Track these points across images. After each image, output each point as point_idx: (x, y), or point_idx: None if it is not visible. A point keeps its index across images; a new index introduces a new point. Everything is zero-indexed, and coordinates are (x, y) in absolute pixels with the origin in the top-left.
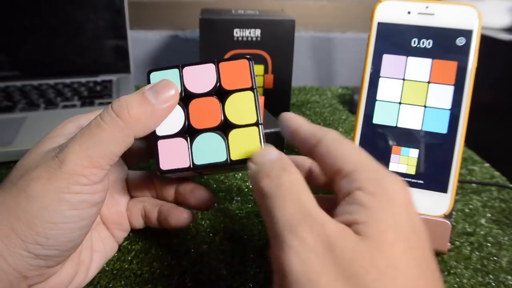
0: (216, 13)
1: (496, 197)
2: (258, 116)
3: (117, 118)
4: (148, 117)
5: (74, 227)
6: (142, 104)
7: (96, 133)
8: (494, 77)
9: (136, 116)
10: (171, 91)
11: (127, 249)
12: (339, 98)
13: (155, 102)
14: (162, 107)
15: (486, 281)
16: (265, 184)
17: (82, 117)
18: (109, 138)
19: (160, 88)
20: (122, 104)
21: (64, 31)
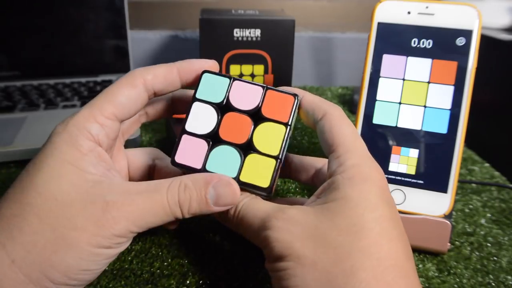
0: (216, 13)
1: (496, 197)
2: (281, 152)
3: (178, 208)
4: (201, 213)
5: (103, 269)
6: (200, 205)
7: (157, 208)
8: (494, 77)
9: (192, 212)
10: (232, 202)
11: (127, 249)
12: (339, 98)
13: (213, 206)
14: (217, 210)
15: (486, 281)
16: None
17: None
18: (163, 218)
19: (224, 197)
20: (186, 198)
21: (64, 31)
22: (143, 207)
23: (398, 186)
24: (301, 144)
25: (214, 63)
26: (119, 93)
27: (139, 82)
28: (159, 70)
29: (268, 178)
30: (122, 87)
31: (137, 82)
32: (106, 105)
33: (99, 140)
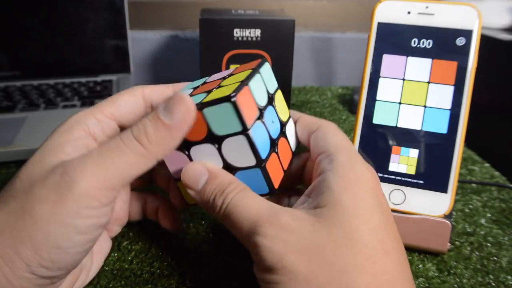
0: (216, 13)
1: (496, 197)
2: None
3: (137, 144)
4: (167, 139)
5: (79, 250)
6: (158, 128)
7: (116, 155)
8: (494, 77)
9: (154, 140)
10: (186, 105)
11: (127, 249)
12: (339, 98)
13: (171, 122)
14: (180, 126)
15: (486, 281)
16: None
17: (87, 116)
18: (129, 162)
19: (174, 106)
20: (140, 129)
21: (64, 31)
22: (99, 156)
23: (398, 186)
24: None
25: None
26: (119, 98)
27: (138, 93)
28: (157, 86)
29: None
30: (122, 95)
31: (136, 93)
32: (105, 106)
33: (94, 134)
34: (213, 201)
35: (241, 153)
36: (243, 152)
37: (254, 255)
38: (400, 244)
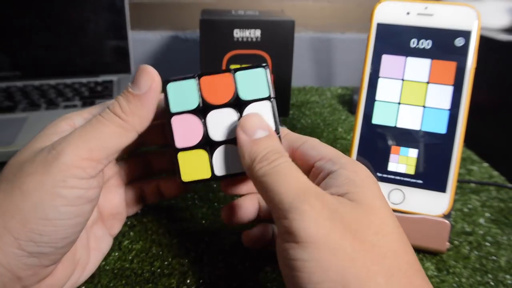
0: (216, 14)
1: (494, 196)
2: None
3: (115, 116)
4: (140, 108)
5: (68, 223)
6: (129, 100)
7: (97, 127)
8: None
9: (128, 111)
10: (148, 74)
11: (127, 248)
12: (339, 98)
13: (139, 92)
14: (149, 94)
15: (484, 281)
16: (265, 165)
17: (75, 115)
18: (111, 133)
19: (138, 77)
20: (115, 103)
21: (65, 31)
22: (82, 130)
23: (397, 186)
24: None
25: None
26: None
27: None
28: None
29: None
30: None
31: None
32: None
33: None
34: (263, 156)
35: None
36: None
37: (290, 226)
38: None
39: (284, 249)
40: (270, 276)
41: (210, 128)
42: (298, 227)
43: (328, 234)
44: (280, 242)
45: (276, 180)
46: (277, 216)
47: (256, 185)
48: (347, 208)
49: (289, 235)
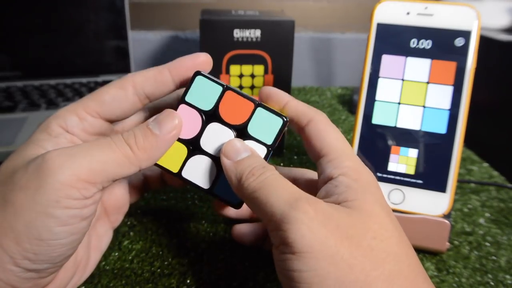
0: (216, 14)
1: (494, 196)
2: None
3: (126, 145)
4: (154, 147)
5: (63, 242)
6: (146, 136)
7: (104, 150)
8: (493, 77)
9: (142, 147)
10: (174, 121)
11: (127, 248)
12: (339, 98)
13: (159, 133)
14: (166, 138)
15: (484, 281)
16: (252, 181)
17: (68, 114)
18: (116, 160)
19: (163, 119)
20: (130, 134)
21: (65, 31)
22: (88, 150)
23: (397, 186)
24: (300, 144)
25: (207, 56)
26: (106, 92)
27: (128, 85)
28: (150, 72)
29: None
30: (110, 88)
31: (126, 85)
32: (90, 102)
33: (72, 132)
34: (249, 173)
35: None
36: None
37: (285, 236)
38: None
39: (281, 260)
40: (270, 276)
41: (205, 135)
42: (294, 237)
43: (324, 242)
44: (277, 254)
45: (266, 193)
46: (271, 228)
47: (247, 203)
48: (342, 214)
49: (285, 247)
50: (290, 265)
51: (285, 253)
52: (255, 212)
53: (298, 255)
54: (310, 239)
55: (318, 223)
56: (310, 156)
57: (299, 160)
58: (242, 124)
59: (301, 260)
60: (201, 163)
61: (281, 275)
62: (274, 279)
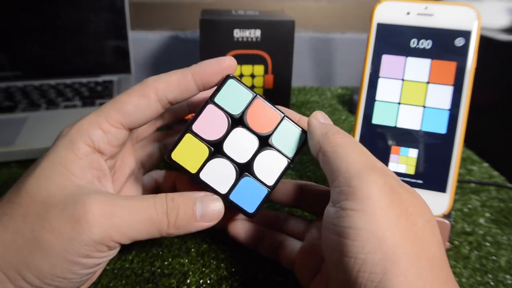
0: (216, 14)
1: (494, 196)
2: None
3: (165, 221)
4: (187, 228)
5: (83, 279)
6: (187, 217)
7: (143, 219)
8: (493, 77)
9: (178, 226)
10: (219, 212)
11: (127, 248)
12: (339, 98)
13: (200, 219)
14: (203, 225)
15: (485, 281)
16: (338, 137)
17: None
18: (148, 228)
19: (211, 213)
20: (175, 207)
21: (65, 31)
22: (128, 211)
23: None
24: None
25: (232, 60)
26: (128, 102)
27: (151, 92)
28: (172, 78)
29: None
30: (132, 96)
31: (149, 92)
32: (112, 113)
33: (99, 147)
34: (337, 131)
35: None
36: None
37: (352, 192)
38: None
39: (338, 217)
40: (270, 276)
41: (229, 139)
42: (361, 194)
43: (387, 208)
44: (333, 211)
45: (347, 151)
46: (339, 184)
47: (323, 156)
48: (406, 191)
49: (348, 202)
50: (348, 222)
51: (346, 209)
52: (328, 166)
53: (360, 212)
54: (376, 201)
55: (386, 191)
56: None
57: (298, 160)
58: (267, 133)
59: (362, 217)
60: (221, 167)
61: (333, 233)
62: (274, 280)
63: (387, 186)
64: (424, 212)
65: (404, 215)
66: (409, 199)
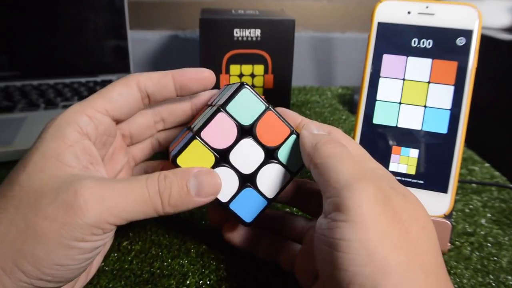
0: (216, 13)
1: (496, 197)
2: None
3: (159, 199)
4: (183, 206)
5: (82, 265)
6: (181, 195)
7: (137, 199)
8: (494, 77)
9: (173, 204)
10: (216, 187)
11: (127, 249)
12: (339, 98)
13: (195, 196)
14: (200, 202)
15: (486, 281)
16: (328, 148)
17: (79, 116)
18: (143, 211)
19: (206, 183)
20: (167, 187)
21: (64, 31)
22: (120, 193)
23: None
24: None
25: (210, 73)
26: (112, 90)
27: (132, 82)
28: (153, 74)
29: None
30: (115, 86)
31: (131, 82)
32: (97, 100)
33: (87, 132)
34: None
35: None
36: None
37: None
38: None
39: (329, 228)
40: (270, 277)
41: (236, 148)
42: (351, 205)
43: (377, 218)
44: (325, 222)
45: (336, 162)
46: (329, 195)
47: (314, 168)
48: (400, 198)
49: (339, 214)
50: (339, 233)
51: (336, 221)
52: (318, 177)
53: (350, 223)
54: (366, 211)
55: (376, 200)
56: None
57: None
58: (274, 147)
59: (352, 228)
60: (225, 176)
61: (324, 245)
62: (274, 281)
63: (378, 194)
64: (419, 218)
65: (397, 223)
66: (403, 204)
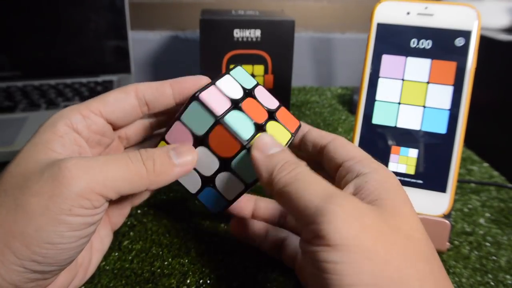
0: (216, 14)
1: (495, 196)
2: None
3: (143, 166)
4: (167, 174)
5: (73, 246)
6: (164, 162)
7: (120, 167)
8: (493, 77)
9: (157, 171)
10: (193, 155)
11: (127, 248)
12: (339, 98)
13: (177, 163)
14: (181, 169)
15: (485, 281)
16: (284, 175)
17: (72, 113)
18: (129, 178)
19: (184, 152)
20: (149, 155)
21: (65, 31)
22: (104, 163)
23: None
24: None
25: (208, 80)
26: (109, 95)
27: (131, 90)
28: (153, 83)
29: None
30: (113, 91)
31: (129, 90)
32: (93, 102)
33: (77, 128)
34: (281, 167)
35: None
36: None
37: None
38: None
39: (314, 252)
40: (270, 276)
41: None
42: (328, 229)
43: (358, 236)
44: (308, 247)
45: (299, 188)
46: (303, 223)
47: (277, 198)
48: (375, 211)
49: (319, 239)
50: (324, 257)
51: (319, 245)
52: (285, 207)
53: (332, 247)
54: (345, 232)
55: (352, 218)
56: (328, 168)
57: None
58: (227, 158)
59: (335, 252)
60: (190, 173)
61: (313, 268)
62: (274, 279)
63: (354, 210)
64: (401, 229)
65: (381, 236)
66: (382, 218)
